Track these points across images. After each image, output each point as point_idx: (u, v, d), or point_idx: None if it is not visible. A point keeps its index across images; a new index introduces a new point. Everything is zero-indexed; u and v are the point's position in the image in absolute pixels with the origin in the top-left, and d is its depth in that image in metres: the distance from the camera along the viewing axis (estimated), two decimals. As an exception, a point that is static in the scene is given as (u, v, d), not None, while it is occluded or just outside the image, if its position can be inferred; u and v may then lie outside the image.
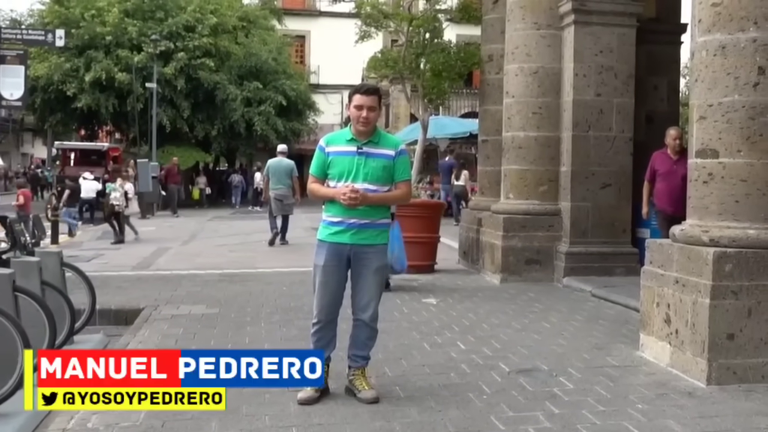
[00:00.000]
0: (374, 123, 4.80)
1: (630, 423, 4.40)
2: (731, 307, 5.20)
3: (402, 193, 4.89)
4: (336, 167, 4.77)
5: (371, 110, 4.72)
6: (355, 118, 4.75)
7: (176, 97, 28.90)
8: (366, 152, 4.75)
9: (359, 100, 4.74)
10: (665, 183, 8.27)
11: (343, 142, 4.82)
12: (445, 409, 4.63)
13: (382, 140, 4.85)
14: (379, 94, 4.85)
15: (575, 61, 9.57)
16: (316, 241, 4.91)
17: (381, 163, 4.77)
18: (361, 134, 4.78)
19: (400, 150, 4.87)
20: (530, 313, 7.73)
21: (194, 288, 9.32)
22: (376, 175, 4.73)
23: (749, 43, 5.38)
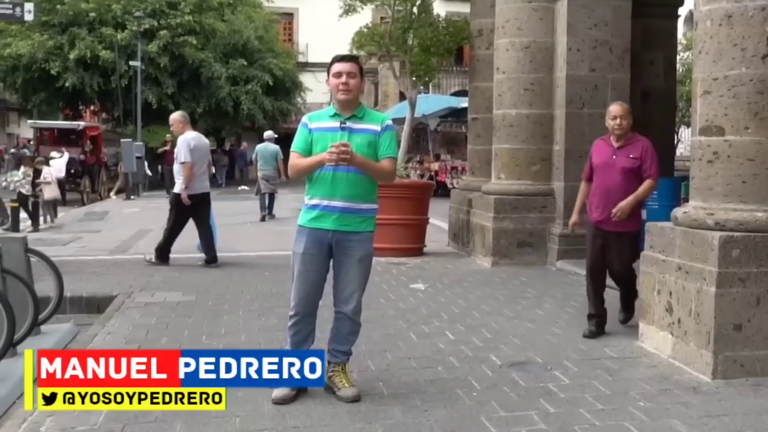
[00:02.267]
0: (356, 92, 4.44)
1: (631, 423, 4.06)
2: (738, 296, 4.85)
3: (388, 168, 4.47)
4: (319, 144, 4.40)
5: (351, 76, 4.38)
6: (335, 87, 4.41)
7: (161, 75, 28.38)
8: (350, 127, 4.40)
9: (338, 68, 4.41)
10: (598, 180, 6.00)
11: (326, 118, 4.49)
12: (432, 408, 4.28)
13: (366, 115, 4.50)
14: (358, 62, 4.51)
15: (568, 35, 9.16)
16: (297, 227, 4.52)
17: (366, 138, 4.40)
18: (344, 107, 4.43)
19: (386, 125, 4.49)
20: (523, 300, 7.38)
21: (172, 273, 8.93)
22: (361, 151, 4.35)
23: (758, 11, 4.99)
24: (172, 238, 9.56)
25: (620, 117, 5.91)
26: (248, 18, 31.63)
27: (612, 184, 5.86)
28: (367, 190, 4.47)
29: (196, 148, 9.40)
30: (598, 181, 5.98)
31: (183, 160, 9.29)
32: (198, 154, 9.42)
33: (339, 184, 4.35)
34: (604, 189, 5.91)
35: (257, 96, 29.58)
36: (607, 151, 5.99)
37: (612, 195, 5.83)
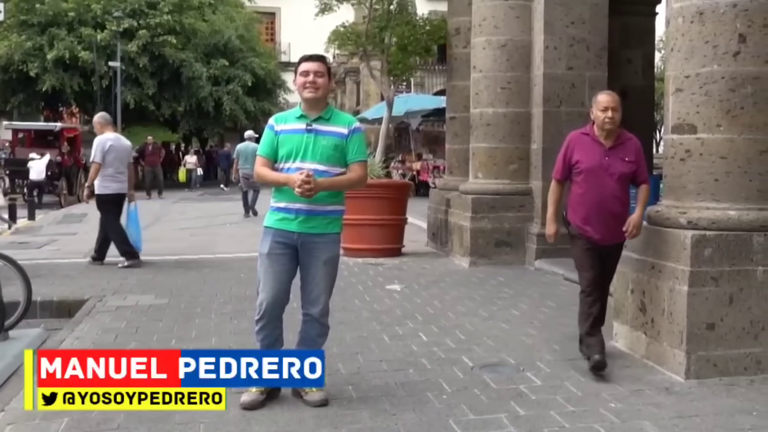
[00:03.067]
0: (323, 92, 4.35)
1: (602, 425, 4.00)
2: (711, 295, 4.81)
3: (357, 176, 4.36)
4: (285, 146, 4.32)
5: (318, 75, 4.30)
6: (302, 85, 4.32)
7: (141, 76, 28.22)
8: (316, 129, 4.30)
9: (305, 67, 4.33)
10: (587, 187, 5.00)
11: (292, 120, 4.39)
12: (400, 412, 4.21)
13: (334, 117, 4.40)
14: (326, 62, 4.43)
15: (546, 33, 9.12)
16: (263, 228, 4.44)
17: (332, 141, 4.30)
18: (311, 107, 4.34)
19: (354, 128, 4.39)
20: (499, 300, 7.32)
21: (146, 276, 8.81)
22: (326, 154, 4.27)
23: (729, 8, 4.95)
24: (118, 235, 9.59)
25: (612, 109, 4.99)
26: (229, 18, 31.51)
27: (606, 193, 4.96)
28: (333, 192, 4.39)
29: (111, 149, 9.46)
30: (587, 188, 4.99)
31: (92, 160, 9.49)
32: (114, 155, 9.47)
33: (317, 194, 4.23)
34: (596, 199, 4.97)
35: (239, 96, 29.48)
36: (596, 152, 5.02)
37: (607, 206, 4.97)
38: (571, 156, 5.12)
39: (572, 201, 5.18)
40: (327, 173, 4.28)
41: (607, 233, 5.01)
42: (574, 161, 5.09)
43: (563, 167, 5.19)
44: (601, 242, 5.04)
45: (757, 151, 5.01)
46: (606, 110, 5.00)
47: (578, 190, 5.10)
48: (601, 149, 5.03)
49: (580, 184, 5.08)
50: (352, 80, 34.24)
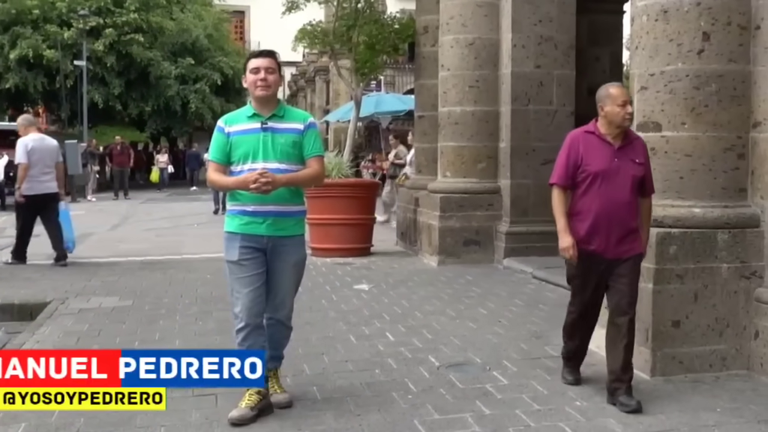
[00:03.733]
0: (275, 88, 4.22)
1: (567, 424, 3.99)
2: (676, 292, 4.83)
3: (315, 171, 4.26)
4: (240, 148, 4.16)
5: (269, 72, 4.16)
6: (253, 84, 4.16)
7: (107, 75, 27.90)
8: (272, 128, 4.16)
9: (255, 63, 4.19)
10: (598, 193, 4.36)
11: (244, 120, 4.22)
12: (365, 413, 4.16)
13: (288, 114, 4.28)
14: (276, 58, 4.28)
15: (513, 31, 9.12)
16: (224, 233, 4.25)
17: (290, 138, 4.18)
18: (263, 105, 4.20)
19: (309, 123, 4.29)
20: (467, 299, 7.30)
21: (110, 277, 8.67)
22: (286, 152, 4.15)
23: (693, 6, 4.97)
24: (23, 238, 9.66)
25: (629, 103, 4.42)
26: (198, 16, 31.25)
27: (618, 200, 4.34)
28: (297, 192, 4.30)
29: (34, 150, 9.42)
30: (596, 195, 4.36)
31: (17, 161, 9.54)
32: (37, 155, 9.43)
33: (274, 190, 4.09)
34: (606, 207, 4.34)
35: (206, 95, 29.23)
36: (606, 153, 4.39)
37: (619, 215, 4.35)
38: (576, 158, 4.43)
39: (575, 208, 4.44)
40: (288, 171, 4.16)
41: (615, 245, 4.35)
42: (580, 163, 4.42)
43: (566, 171, 4.45)
44: (605, 255, 4.37)
45: (721, 149, 5.04)
46: (625, 105, 4.38)
47: (584, 197, 4.40)
48: (610, 150, 4.39)
49: (586, 190, 4.39)
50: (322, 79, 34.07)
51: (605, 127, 4.45)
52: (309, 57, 33.76)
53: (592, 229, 4.37)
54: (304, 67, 38.60)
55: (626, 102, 4.41)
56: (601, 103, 4.47)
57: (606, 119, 4.43)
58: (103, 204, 22.20)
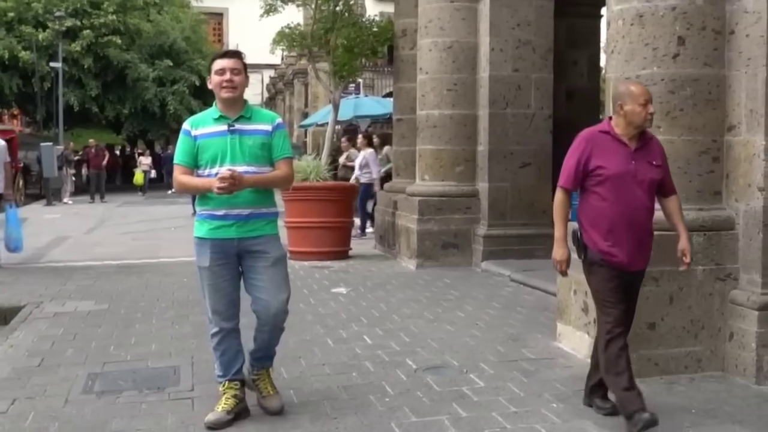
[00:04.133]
0: (241, 90, 4.13)
1: (543, 426, 4.00)
2: (652, 295, 4.86)
3: (284, 174, 4.19)
4: (207, 151, 4.07)
5: (235, 73, 4.07)
6: (218, 85, 4.07)
7: (84, 77, 27.68)
8: (239, 129, 4.08)
9: (220, 64, 4.09)
10: (616, 198, 3.98)
11: (210, 123, 4.12)
12: (342, 416, 4.15)
13: (255, 115, 4.19)
14: (242, 59, 4.20)
15: (491, 35, 9.16)
16: (194, 239, 4.17)
17: (258, 140, 4.11)
18: (229, 107, 4.11)
19: (277, 124, 4.21)
20: (444, 302, 7.30)
21: (86, 281, 8.60)
22: (254, 154, 4.08)
23: (668, 11, 5.02)
24: None
25: (650, 102, 4.09)
26: (175, 18, 31.11)
27: (636, 204, 3.99)
28: (268, 193, 4.22)
29: None
30: (613, 200, 3.98)
31: None
32: None
33: (240, 191, 4.04)
34: (624, 213, 3.97)
35: (184, 97, 29.10)
36: (622, 155, 4.02)
37: (638, 221, 4.02)
38: (589, 159, 4.03)
39: (590, 216, 4.06)
40: (258, 174, 4.10)
41: (637, 255, 4.04)
42: (593, 166, 4.02)
43: (576, 173, 4.07)
44: (630, 267, 4.02)
45: (696, 152, 5.08)
46: (646, 104, 4.03)
47: (599, 203, 4.01)
48: (626, 151, 4.03)
49: (602, 194, 4.00)
50: (301, 82, 34.01)
51: (622, 128, 4.06)
52: (287, 60, 33.70)
53: (612, 235, 3.98)
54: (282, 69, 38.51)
55: (648, 101, 4.05)
56: (620, 101, 4.06)
57: (625, 119, 4.03)
58: (79, 207, 22.02)
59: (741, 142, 4.97)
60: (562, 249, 4.13)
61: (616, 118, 4.10)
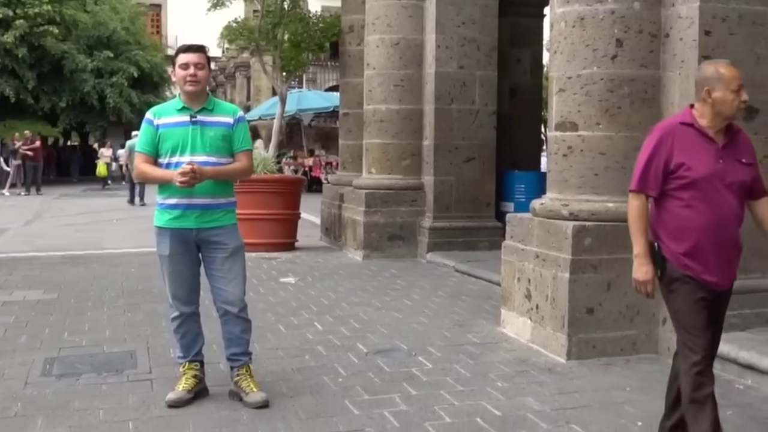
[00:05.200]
0: (205, 84, 4.26)
1: (488, 402, 4.23)
2: (591, 281, 5.14)
3: (243, 165, 4.32)
4: (169, 140, 4.18)
5: (199, 67, 4.18)
6: (182, 79, 4.18)
7: (19, 68, 27.07)
8: (201, 121, 4.19)
9: (184, 59, 4.20)
10: (703, 205, 3.30)
11: (173, 113, 4.24)
12: (297, 395, 4.32)
13: (217, 107, 4.31)
14: (206, 53, 4.31)
15: (437, 32, 9.39)
16: (154, 228, 4.29)
17: (220, 132, 4.23)
18: (193, 99, 4.23)
19: (239, 117, 4.34)
20: (392, 291, 7.52)
21: (32, 272, 8.57)
22: (215, 145, 4.19)
23: (608, 14, 5.30)
24: None
25: (743, 89, 3.33)
26: (113, 9, 30.67)
27: (726, 213, 3.31)
28: (226, 184, 4.32)
29: None
30: (701, 207, 3.29)
31: None
32: None
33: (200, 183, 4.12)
34: (712, 223, 3.29)
35: (123, 89, 28.73)
36: (709, 153, 3.33)
37: (727, 232, 3.34)
38: (670, 157, 3.31)
39: (670, 226, 3.36)
40: (217, 164, 4.20)
41: (726, 272, 3.38)
42: (675, 166, 3.31)
43: (655, 175, 3.35)
44: (718, 286, 3.36)
45: (633, 148, 5.33)
46: (740, 91, 3.31)
47: (682, 211, 3.32)
48: (713, 148, 3.33)
49: (686, 200, 3.31)
50: (243, 75, 33.95)
51: (708, 119, 3.34)
52: (229, 53, 33.54)
53: (697, 248, 3.30)
54: (224, 62, 38.32)
55: (741, 86, 3.32)
56: (708, 86, 3.33)
57: (713, 108, 3.31)
58: (15, 199, 21.60)
59: (674, 139, 5.27)
60: (646, 267, 3.40)
61: (700, 107, 3.37)
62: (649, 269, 3.40)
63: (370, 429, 3.84)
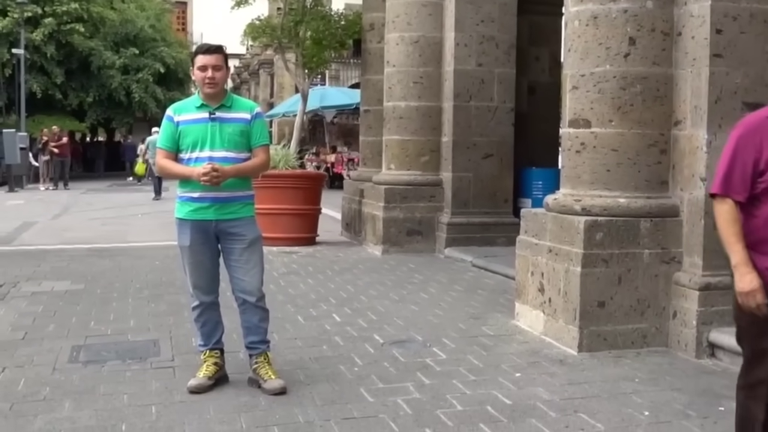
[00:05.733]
0: (222, 84, 4.42)
1: (500, 392, 4.36)
2: (602, 275, 5.24)
3: (261, 161, 4.47)
4: (188, 136, 4.34)
5: (216, 69, 4.33)
6: (201, 81, 4.34)
7: (47, 64, 27.51)
8: (219, 117, 4.35)
9: (202, 60, 4.35)
10: None
11: (192, 110, 4.40)
12: (314, 383, 4.48)
13: (235, 104, 4.47)
14: (223, 53, 4.45)
15: (456, 30, 9.50)
16: (175, 220, 4.46)
17: (238, 128, 4.38)
18: (211, 98, 4.38)
19: (256, 113, 4.50)
20: (409, 284, 7.66)
21: (60, 263, 8.81)
22: (233, 141, 4.35)
23: (620, 13, 5.39)
24: None
25: None
26: (140, 7, 31.04)
27: None
28: (245, 179, 4.47)
29: None
30: None
31: None
32: None
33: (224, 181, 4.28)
34: None
35: (149, 84, 29.10)
36: None
37: None
38: (760, 155, 2.93)
39: (758, 234, 2.97)
40: (236, 159, 4.35)
41: None
42: (764, 165, 2.92)
43: (742, 176, 2.96)
44: None
45: (645, 145, 5.47)
46: None
47: None
48: None
49: None
50: (266, 72, 34.17)
51: None
52: (253, 50, 33.80)
53: None
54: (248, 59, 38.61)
55: None
56: None
57: None
58: (43, 194, 22.00)
59: (686, 136, 5.36)
60: (749, 275, 2.91)
61: None
62: (753, 277, 2.90)
63: (384, 415, 3.98)
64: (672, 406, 4.16)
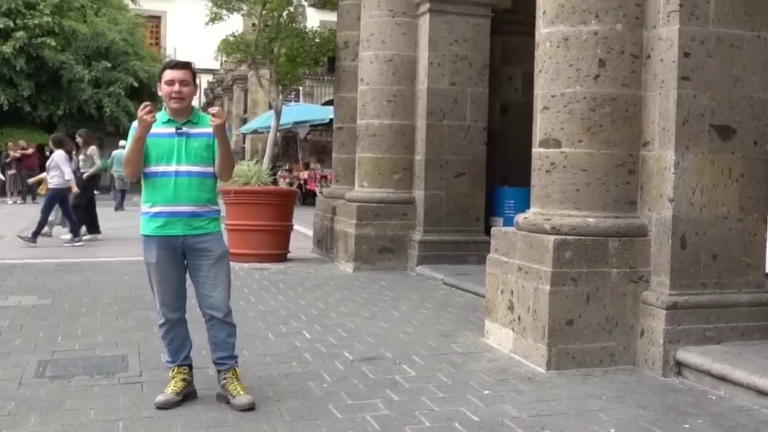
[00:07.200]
0: (189, 100, 4.42)
1: (468, 409, 4.37)
2: (571, 294, 5.29)
3: None
4: (154, 150, 4.34)
5: (184, 84, 4.34)
6: (167, 95, 4.34)
7: (16, 77, 27.23)
8: (186, 132, 4.37)
9: (170, 75, 4.35)
10: None
11: (159, 125, 4.38)
12: (283, 399, 4.46)
13: (201, 120, 4.47)
14: (191, 69, 4.47)
15: (430, 49, 9.59)
16: (141, 236, 4.43)
17: (204, 142, 4.39)
18: (178, 113, 4.39)
19: None
20: (380, 302, 7.67)
21: (27, 278, 8.71)
22: (199, 155, 4.37)
23: (590, 35, 5.48)
24: None
25: None
26: (113, 20, 30.86)
27: None
28: (210, 194, 4.47)
29: None
30: None
31: None
32: None
33: (182, 189, 4.31)
34: None
35: (120, 98, 28.91)
36: None
37: None
38: None
39: None
40: (201, 173, 4.37)
41: None
42: None
43: None
44: None
45: (614, 165, 5.54)
46: None
47: None
48: None
49: None
50: (240, 88, 34.10)
51: None
52: (227, 65, 33.75)
53: None
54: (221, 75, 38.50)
55: None
56: None
57: None
58: (10, 207, 21.74)
59: (654, 157, 5.44)
60: None
61: None
62: None
63: (352, 431, 3.98)
64: (638, 424, 4.20)
